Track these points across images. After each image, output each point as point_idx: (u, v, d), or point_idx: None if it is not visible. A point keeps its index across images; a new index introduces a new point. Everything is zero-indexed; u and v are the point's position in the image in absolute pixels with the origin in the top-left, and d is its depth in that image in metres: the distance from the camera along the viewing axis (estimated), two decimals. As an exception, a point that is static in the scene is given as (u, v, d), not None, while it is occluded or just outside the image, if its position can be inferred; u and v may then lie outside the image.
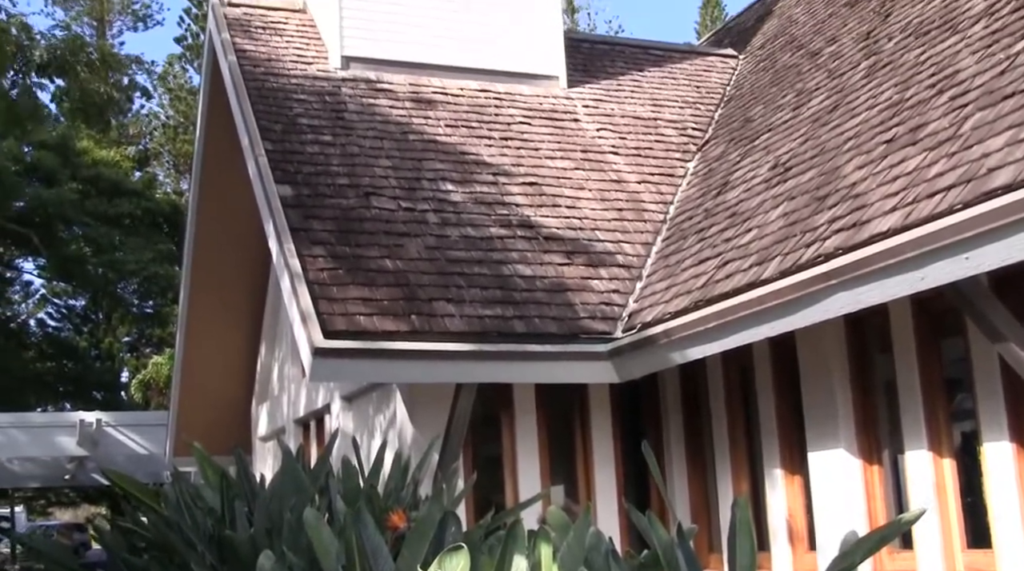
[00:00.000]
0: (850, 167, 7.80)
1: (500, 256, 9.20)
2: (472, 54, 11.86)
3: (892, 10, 10.41)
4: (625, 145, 11.44)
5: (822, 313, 6.81)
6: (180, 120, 41.82)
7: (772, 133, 10.19)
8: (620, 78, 12.89)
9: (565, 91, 12.13)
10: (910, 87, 8.26)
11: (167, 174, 43.11)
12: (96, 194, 33.84)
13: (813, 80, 10.60)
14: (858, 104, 8.90)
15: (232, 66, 11.03)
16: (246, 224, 11.97)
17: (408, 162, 10.21)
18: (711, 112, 12.50)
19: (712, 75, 13.53)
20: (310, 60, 11.59)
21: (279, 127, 10.30)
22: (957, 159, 6.42)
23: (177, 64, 42.38)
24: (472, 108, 11.38)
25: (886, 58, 9.36)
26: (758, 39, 14.25)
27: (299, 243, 8.69)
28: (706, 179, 10.59)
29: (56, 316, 39.18)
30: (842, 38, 11.03)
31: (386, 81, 11.42)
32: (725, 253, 8.35)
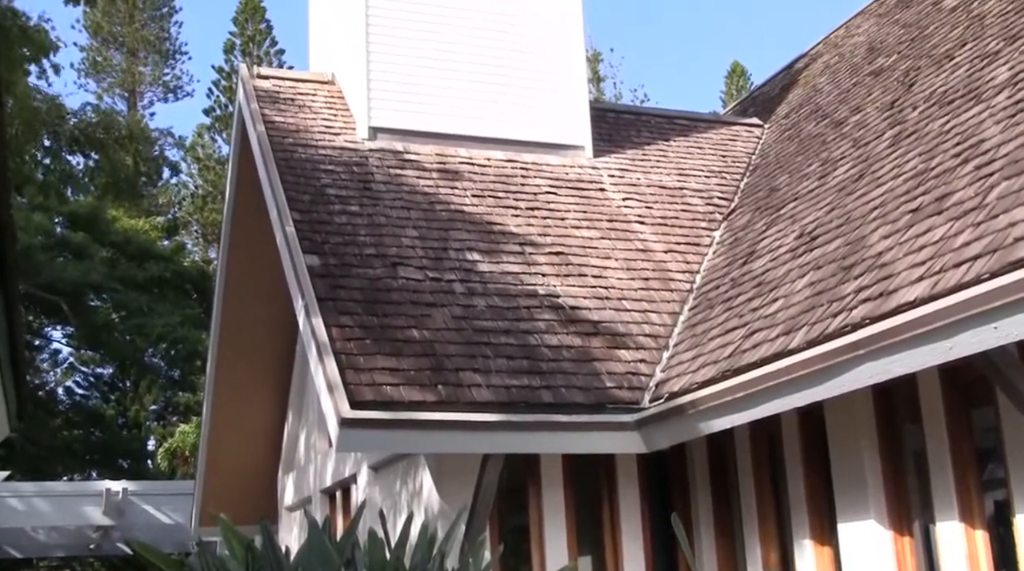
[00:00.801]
0: (876, 236, 7.80)
1: (527, 326, 9.22)
2: (498, 125, 11.97)
3: (916, 79, 10.46)
4: (651, 214, 11.49)
5: (850, 383, 6.77)
6: (209, 190, 42.22)
7: (798, 202, 10.21)
8: (646, 147, 12.98)
9: (591, 161, 12.21)
10: (935, 156, 8.27)
11: (195, 243, 43.44)
12: (125, 260, 34.13)
13: (838, 149, 10.63)
14: (883, 173, 8.92)
15: (261, 137, 11.16)
16: (274, 293, 12.03)
17: (435, 232, 10.28)
18: (737, 181, 12.55)
19: (737, 144, 13.60)
20: (338, 131, 11.72)
21: (307, 197, 10.39)
22: (983, 229, 6.41)
23: (206, 134, 42.89)
24: (499, 178, 11.46)
25: (911, 127, 9.38)
26: (783, 108, 14.33)
27: (326, 313, 8.73)
28: (732, 248, 10.60)
29: (83, 384, 39.31)
30: (867, 107, 11.08)
31: (413, 151, 11.53)
32: (752, 323, 8.33)
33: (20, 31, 13.97)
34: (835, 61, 14.07)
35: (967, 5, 10.99)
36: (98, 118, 23.12)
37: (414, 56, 11.89)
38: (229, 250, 13.32)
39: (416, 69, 11.86)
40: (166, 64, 46.23)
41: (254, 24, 42.04)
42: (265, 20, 42.16)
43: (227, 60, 41.76)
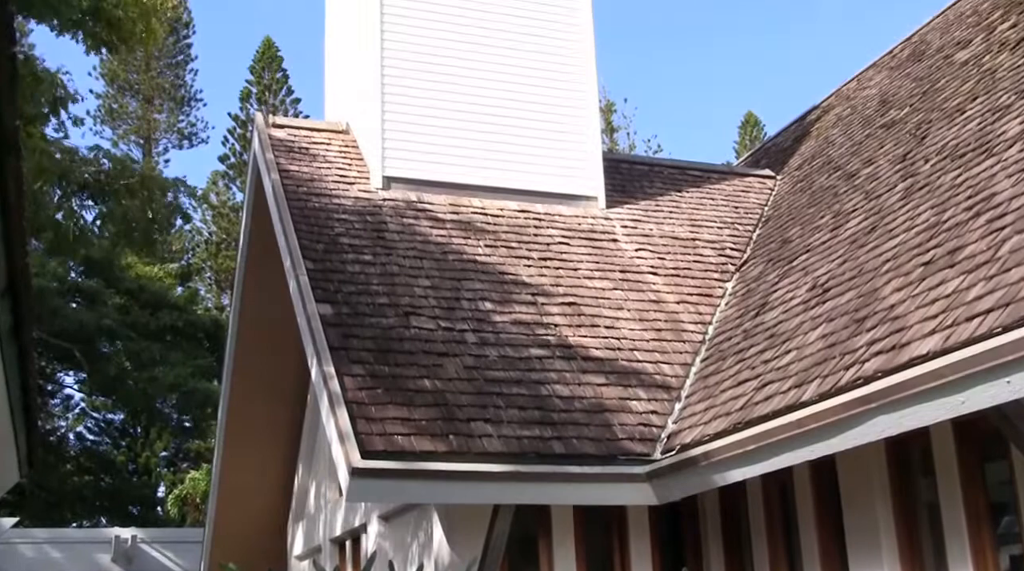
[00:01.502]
0: (888, 289, 7.80)
1: (539, 376, 9.22)
2: (512, 175, 12.04)
3: (928, 133, 10.49)
4: (664, 265, 11.51)
5: (862, 437, 6.75)
6: (223, 237, 42.41)
7: (810, 254, 10.22)
8: (659, 198, 13.03)
9: (604, 211, 12.26)
10: (947, 209, 8.29)
11: (208, 289, 43.56)
12: (139, 308, 34.23)
13: (850, 201, 10.66)
14: (896, 226, 8.93)
15: (275, 186, 11.23)
16: (286, 341, 12.06)
17: (448, 282, 10.31)
18: (749, 232, 12.57)
19: (750, 195, 13.64)
20: (352, 180, 11.79)
21: (320, 246, 10.44)
22: (995, 282, 6.41)
23: (221, 181, 43.14)
24: (512, 228, 11.51)
25: (923, 180, 9.41)
26: (795, 160, 14.38)
27: (338, 362, 8.75)
28: (745, 299, 10.61)
29: (95, 430, 39.31)
30: (879, 160, 11.11)
31: (427, 201, 11.59)
32: (764, 375, 8.32)
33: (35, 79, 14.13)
34: (847, 113, 14.13)
35: (978, 59, 11.05)
36: (112, 165, 23.29)
37: (428, 107, 11.98)
38: (242, 297, 13.37)
39: (430, 120, 11.95)
40: (181, 111, 46.60)
41: (271, 73, 42.42)
42: (282, 69, 42.54)
43: (243, 108, 42.11)
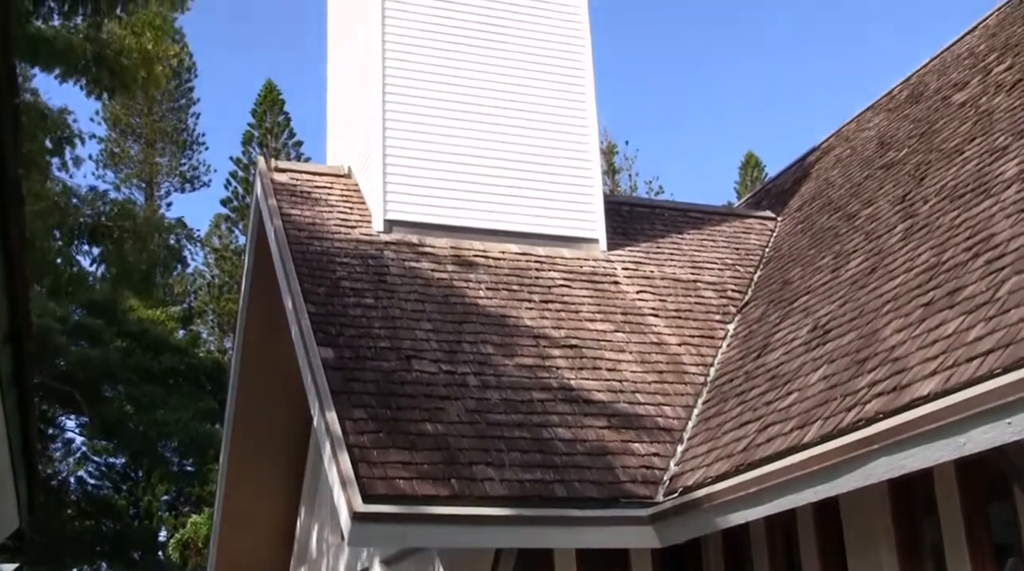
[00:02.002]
0: (889, 330, 7.82)
1: (540, 419, 9.21)
2: (513, 218, 12.09)
3: (927, 174, 10.55)
4: (665, 307, 11.53)
5: (864, 478, 6.74)
6: (225, 280, 42.49)
7: (811, 295, 10.24)
8: (660, 240, 13.06)
9: (605, 254, 12.29)
10: (946, 250, 8.31)
11: (211, 332, 43.60)
12: (141, 351, 34.25)
13: (851, 242, 10.69)
14: (896, 267, 8.96)
15: (277, 230, 11.28)
16: (288, 384, 12.05)
17: (449, 325, 10.32)
18: (750, 274, 12.60)
19: (751, 237, 13.68)
20: (354, 224, 11.84)
21: (322, 290, 10.47)
22: (995, 323, 6.43)
23: (223, 224, 43.28)
24: (513, 271, 11.54)
25: (922, 221, 9.44)
26: (796, 201, 14.43)
27: (340, 406, 8.75)
28: (746, 341, 10.62)
29: (95, 474, 39.21)
30: (878, 201, 11.16)
31: (428, 244, 11.63)
32: (766, 416, 8.32)
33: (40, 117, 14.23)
34: (847, 154, 14.20)
35: (975, 101, 11.12)
36: (110, 208, 23.42)
37: (429, 150, 12.05)
38: (244, 340, 13.39)
39: (431, 163, 12.02)
40: (183, 155, 46.86)
41: (273, 116, 42.68)
42: (284, 113, 42.82)
43: (245, 151, 42.34)
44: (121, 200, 30.21)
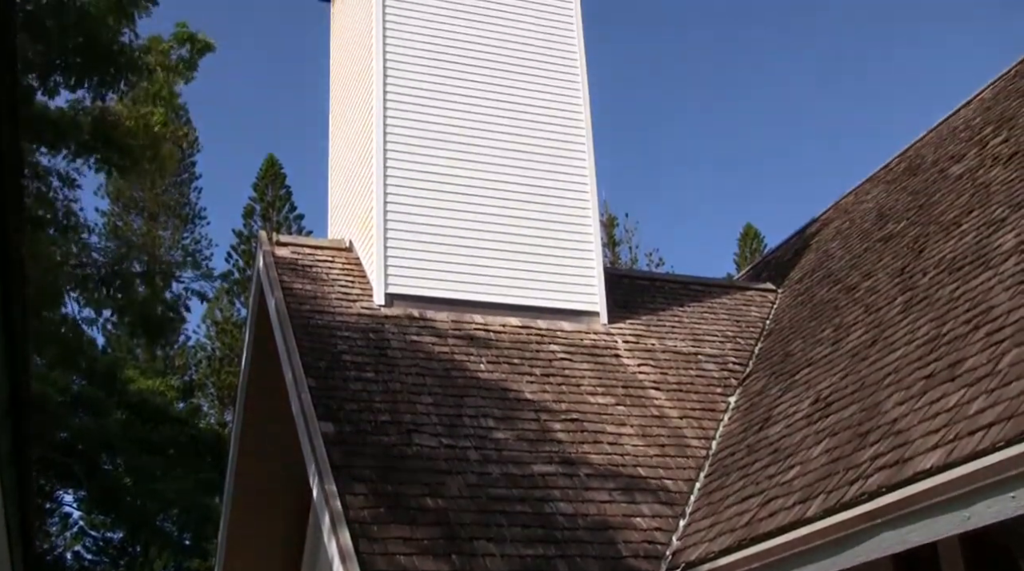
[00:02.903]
0: (891, 403, 7.80)
1: (542, 494, 9.17)
2: (514, 291, 12.11)
3: (925, 246, 10.59)
4: (666, 380, 11.51)
5: (868, 553, 6.69)
6: (226, 352, 42.43)
7: (812, 368, 10.23)
8: (660, 313, 13.08)
9: (606, 327, 12.30)
10: (946, 322, 8.33)
11: (211, 405, 43.44)
12: (140, 422, 34.11)
13: (851, 314, 10.71)
14: (896, 339, 8.97)
15: (278, 303, 11.30)
16: (288, 457, 12.00)
17: (450, 399, 10.31)
18: (751, 346, 12.60)
19: (751, 309, 13.70)
20: (355, 297, 11.86)
21: (323, 364, 10.46)
22: (996, 396, 6.42)
23: (224, 297, 43.31)
24: (514, 344, 11.54)
25: (922, 293, 9.47)
26: (796, 273, 14.47)
27: (340, 481, 8.71)
28: (748, 414, 10.59)
29: (93, 549, 38.85)
30: (878, 273, 11.19)
31: (429, 318, 11.64)
32: (768, 490, 8.28)
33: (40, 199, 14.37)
34: (846, 227, 14.26)
35: (972, 173, 11.20)
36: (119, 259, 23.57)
37: (430, 224, 12.11)
38: (244, 413, 13.36)
39: (432, 237, 12.07)
40: (185, 228, 47.02)
41: (274, 190, 42.92)
42: (285, 186, 43.05)
43: (246, 224, 42.50)
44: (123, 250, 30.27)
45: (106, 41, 12.22)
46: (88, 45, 11.98)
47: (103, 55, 12.19)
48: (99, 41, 12.08)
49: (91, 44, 11.97)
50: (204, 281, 40.13)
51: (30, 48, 11.79)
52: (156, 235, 46.33)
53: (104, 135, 12.29)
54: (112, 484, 33.50)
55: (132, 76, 12.81)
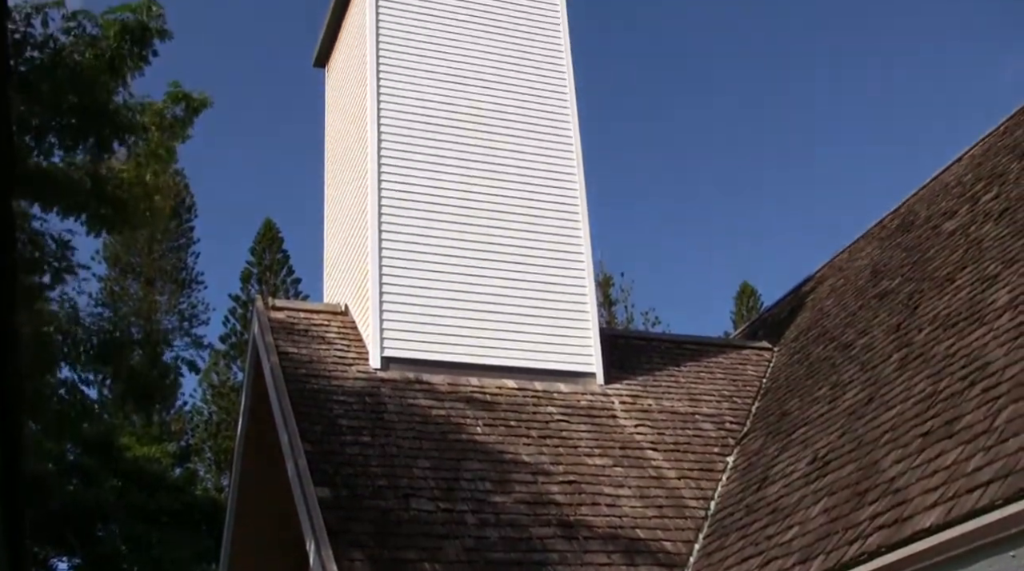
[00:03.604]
0: (888, 461, 7.78)
1: (540, 557, 9.10)
2: (510, 353, 12.11)
3: (920, 302, 10.62)
4: (664, 441, 11.48)
5: (870, 613, 6.65)
6: (223, 416, 42.28)
7: (809, 427, 10.21)
8: (657, 373, 13.06)
9: (602, 388, 12.28)
10: (943, 379, 8.33)
11: (208, 470, 43.20)
12: (136, 489, 33.87)
13: (847, 372, 10.71)
14: (892, 397, 8.96)
15: (274, 368, 11.28)
16: (285, 522, 11.93)
17: (447, 462, 10.26)
18: (748, 405, 12.57)
19: (748, 368, 13.69)
20: (351, 361, 11.85)
21: (319, 428, 10.43)
22: (994, 453, 6.41)
23: (221, 361, 43.24)
24: (510, 407, 11.51)
25: (918, 350, 9.48)
26: (792, 331, 14.48)
27: (337, 546, 8.65)
28: (746, 474, 10.55)
29: (88, 619, 38.43)
30: (873, 330, 11.20)
31: (425, 381, 11.62)
32: (768, 551, 8.23)
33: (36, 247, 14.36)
34: (841, 284, 14.29)
35: (965, 229, 11.25)
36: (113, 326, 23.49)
37: (425, 287, 12.14)
38: (241, 478, 13.29)
39: (428, 300, 12.09)
40: (182, 293, 47.02)
41: (271, 254, 43.00)
42: (282, 250, 43.15)
43: (244, 289, 42.54)
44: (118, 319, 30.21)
45: (100, 101, 12.28)
46: (82, 105, 12.04)
47: (97, 115, 12.25)
48: (93, 101, 12.15)
49: (85, 104, 12.04)
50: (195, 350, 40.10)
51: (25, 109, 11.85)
52: (153, 300, 46.33)
53: (97, 190, 12.31)
54: (107, 552, 33.20)
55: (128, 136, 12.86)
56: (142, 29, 12.39)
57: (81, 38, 12.18)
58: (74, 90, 11.93)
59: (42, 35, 12.03)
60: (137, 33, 12.35)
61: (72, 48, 12.11)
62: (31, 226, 14.89)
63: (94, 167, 12.88)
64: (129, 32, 12.30)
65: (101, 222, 12.85)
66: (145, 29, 12.41)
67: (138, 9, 12.40)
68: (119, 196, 12.92)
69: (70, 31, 12.16)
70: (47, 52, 11.97)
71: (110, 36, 12.18)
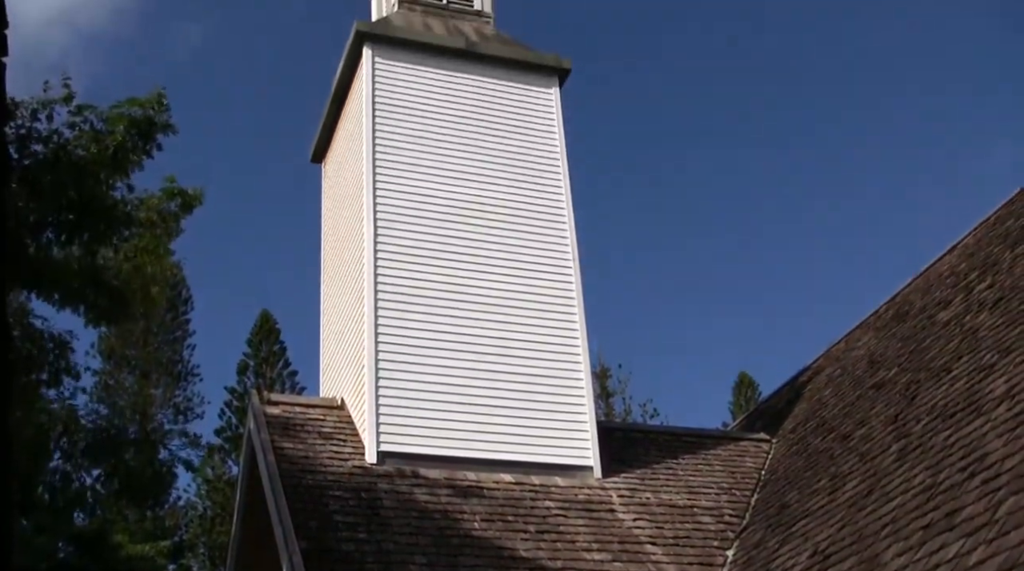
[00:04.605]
0: (890, 554, 7.71)
1: (538, 655, 8.97)
2: (507, 447, 12.05)
3: (917, 392, 10.60)
4: (662, 534, 11.37)
5: None
6: (218, 511, 41.86)
7: (809, 519, 10.13)
8: (655, 466, 12.98)
9: (600, 481, 12.20)
10: (942, 470, 8.29)
11: (202, 566, 42.66)
12: (129, 592, 33.39)
13: (846, 463, 10.65)
14: (892, 488, 8.90)
15: (270, 465, 11.21)
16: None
17: (444, 558, 10.15)
18: (747, 498, 12.48)
19: (746, 459, 13.61)
20: (347, 456, 11.78)
21: (314, 524, 10.33)
22: (996, 546, 6.36)
23: (216, 455, 42.94)
24: (507, 501, 11.42)
25: (916, 441, 9.44)
26: (789, 422, 14.43)
27: (333, 646, 8.53)
28: (746, 568, 10.44)
29: None
30: (871, 420, 11.17)
31: (422, 476, 11.54)
32: (770, 647, 8.12)
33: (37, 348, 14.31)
34: (838, 374, 14.28)
35: (960, 319, 11.28)
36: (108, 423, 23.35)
37: (421, 381, 12.12)
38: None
39: (424, 394, 12.06)
40: (178, 386, 46.85)
41: (268, 346, 42.94)
42: (279, 342, 43.08)
43: (240, 381, 42.41)
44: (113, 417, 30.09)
45: (100, 196, 12.35)
46: (81, 201, 12.11)
47: (96, 211, 12.32)
48: (93, 196, 12.21)
49: (85, 200, 12.10)
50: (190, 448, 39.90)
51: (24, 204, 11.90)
52: (148, 393, 46.14)
53: (95, 279, 12.32)
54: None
55: (125, 231, 12.92)
56: (149, 124, 12.52)
57: (85, 133, 12.30)
58: (74, 186, 12.01)
59: (47, 130, 12.15)
60: (144, 127, 12.48)
61: (76, 143, 12.23)
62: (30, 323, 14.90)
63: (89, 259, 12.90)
64: (135, 126, 12.43)
65: (99, 314, 12.83)
66: (152, 124, 12.54)
67: (146, 103, 12.54)
68: (116, 286, 12.93)
69: (75, 126, 12.28)
70: (51, 146, 12.07)
71: (115, 131, 12.29)
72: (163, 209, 13.42)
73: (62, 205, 12.21)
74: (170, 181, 13.36)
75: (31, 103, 12.02)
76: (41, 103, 12.09)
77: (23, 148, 11.97)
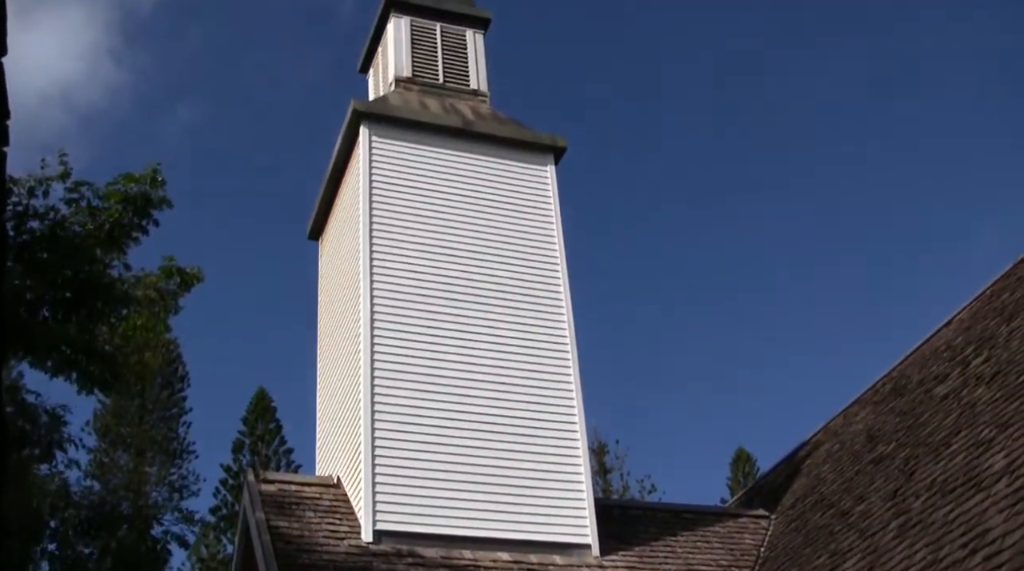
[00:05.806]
0: (892, 634, 7.63)
1: None
2: (504, 526, 11.96)
3: (916, 468, 10.55)
4: (661, 612, 11.25)
5: None
6: (212, 590, 41.36)
7: (809, 597, 10.03)
8: (653, 543, 12.88)
9: (598, 559, 12.09)
10: (943, 546, 8.23)
11: (197, 648, 42.09)
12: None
13: (846, 540, 10.56)
14: (893, 565, 8.83)
15: (265, 545, 11.10)
16: None
17: (440, 638, 10.02)
18: (746, 575, 12.37)
19: (745, 536, 13.50)
20: (343, 535, 11.68)
21: (310, 605, 10.21)
22: (999, 624, 6.30)
23: (211, 533, 42.53)
24: (505, 579, 11.30)
25: (916, 517, 9.38)
26: (788, 498, 14.34)
27: None
28: (746, 646, 10.31)
29: None
30: (870, 496, 11.10)
31: (419, 555, 11.44)
32: None
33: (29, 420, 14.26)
34: (836, 449, 14.21)
35: (957, 393, 11.26)
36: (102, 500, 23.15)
37: (418, 460, 12.06)
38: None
39: (420, 472, 12.00)
40: (173, 464, 46.53)
41: (264, 423, 42.75)
42: (275, 419, 42.90)
43: (235, 459, 42.15)
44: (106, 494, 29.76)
45: (96, 273, 12.34)
46: (77, 278, 12.09)
47: (94, 289, 12.30)
48: (89, 274, 12.19)
49: (81, 278, 12.09)
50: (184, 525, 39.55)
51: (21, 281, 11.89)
52: (143, 471, 45.81)
53: (88, 345, 12.24)
54: None
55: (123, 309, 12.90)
56: (145, 199, 12.55)
57: (81, 209, 12.32)
58: (71, 263, 12.01)
59: (43, 206, 12.18)
60: (140, 203, 12.51)
61: (73, 219, 12.25)
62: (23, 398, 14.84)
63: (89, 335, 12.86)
64: (131, 202, 12.46)
65: (92, 381, 12.74)
66: (148, 199, 12.57)
67: (142, 179, 12.58)
68: (110, 352, 12.88)
69: (72, 202, 12.31)
70: (47, 223, 12.09)
71: (111, 207, 12.31)
72: (161, 287, 13.41)
73: (59, 282, 12.20)
74: (169, 260, 13.37)
75: (28, 181, 12.07)
76: (38, 180, 12.13)
77: (20, 225, 11.99)
